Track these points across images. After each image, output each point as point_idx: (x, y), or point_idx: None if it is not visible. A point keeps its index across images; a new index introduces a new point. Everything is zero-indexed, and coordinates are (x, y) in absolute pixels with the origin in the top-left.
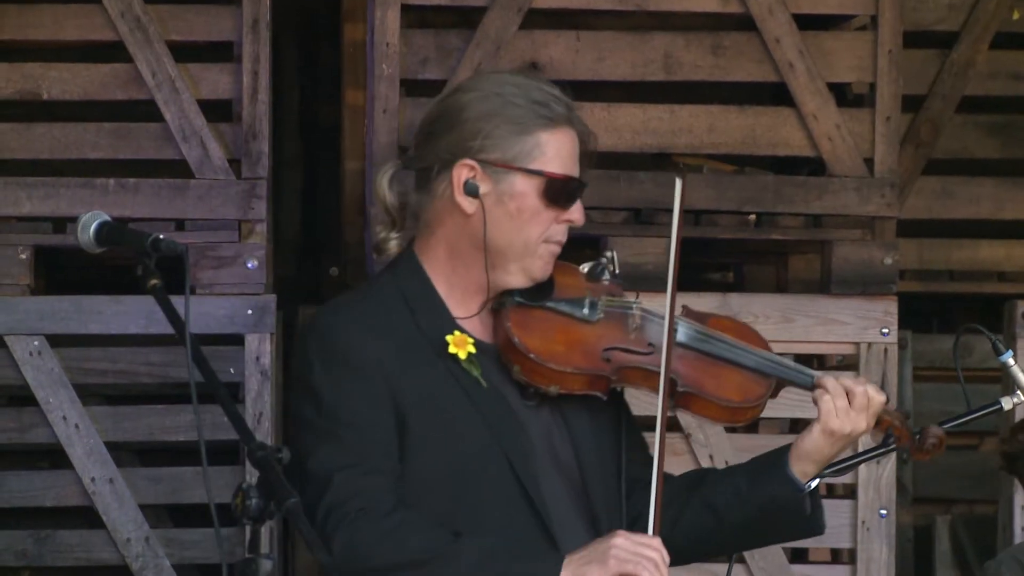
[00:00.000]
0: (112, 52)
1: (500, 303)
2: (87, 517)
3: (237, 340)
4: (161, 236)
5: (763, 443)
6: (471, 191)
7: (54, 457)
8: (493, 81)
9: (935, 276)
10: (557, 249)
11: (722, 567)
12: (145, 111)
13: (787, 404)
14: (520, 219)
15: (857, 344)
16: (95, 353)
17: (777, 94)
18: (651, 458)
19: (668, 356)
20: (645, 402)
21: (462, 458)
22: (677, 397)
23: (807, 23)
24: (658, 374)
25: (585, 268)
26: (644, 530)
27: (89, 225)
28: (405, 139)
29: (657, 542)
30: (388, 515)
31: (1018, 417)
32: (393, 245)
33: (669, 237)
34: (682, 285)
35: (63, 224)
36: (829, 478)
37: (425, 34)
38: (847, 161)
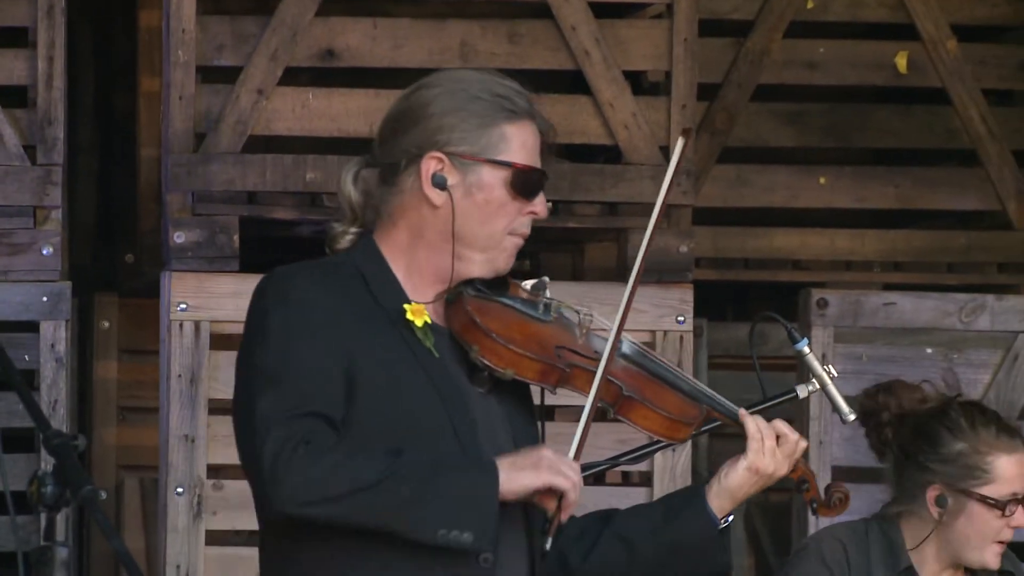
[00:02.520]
0: None
1: (456, 293)
2: None
3: (32, 327)
4: None
5: (558, 431)
6: (439, 183)
7: None
8: (455, 78)
9: (730, 264)
10: (520, 242)
11: None
12: None
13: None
14: (487, 210)
15: (653, 332)
16: None
17: (573, 82)
18: None
19: (618, 332)
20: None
21: (409, 419)
22: (620, 404)
23: (603, 11)
24: (601, 380)
25: (528, 284)
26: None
27: None
28: (201, 126)
29: (577, 467)
30: (334, 448)
31: (813, 404)
32: (347, 240)
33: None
34: None
35: None
36: (625, 466)
37: (221, 20)
38: (643, 149)
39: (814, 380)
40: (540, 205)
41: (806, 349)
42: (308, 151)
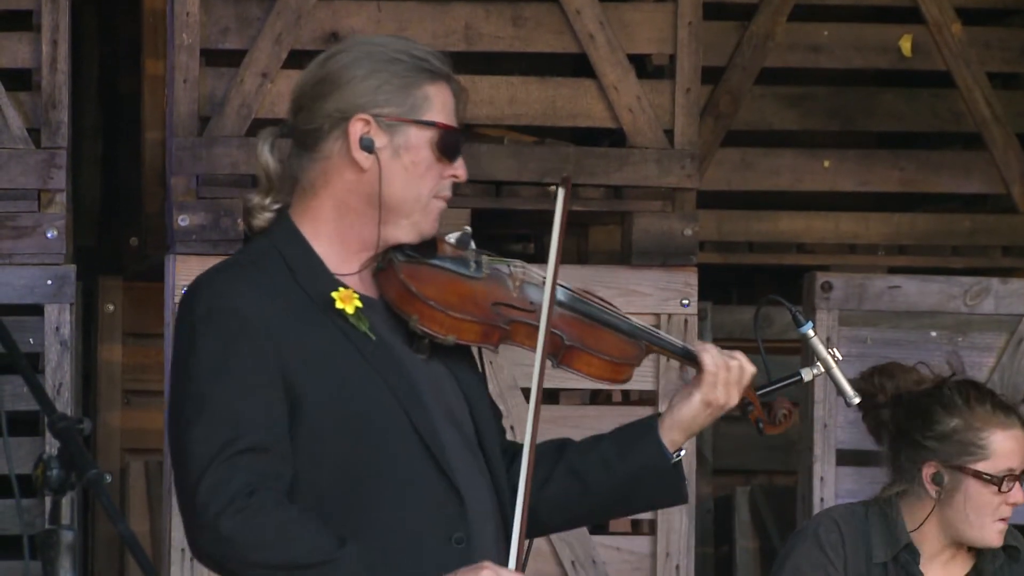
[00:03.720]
0: None
1: (386, 260)
2: None
3: (37, 310)
4: None
5: (562, 414)
6: (367, 146)
7: None
8: (371, 41)
9: (735, 247)
10: (444, 205)
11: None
12: None
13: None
14: (415, 172)
15: (658, 315)
16: None
17: (578, 65)
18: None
19: (550, 309)
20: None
21: (359, 411)
22: (563, 354)
23: None
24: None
25: (452, 238)
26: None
27: None
28: (205, 109)
29: None
30: (276, 508)
31: (818, 387)
32: (265, 216)
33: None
34: None
35: None
36: None
37: (225, 4)
38: (647, 132)
39: (819, 363)
40: (461, 168)
41: (811, 332)
42: None
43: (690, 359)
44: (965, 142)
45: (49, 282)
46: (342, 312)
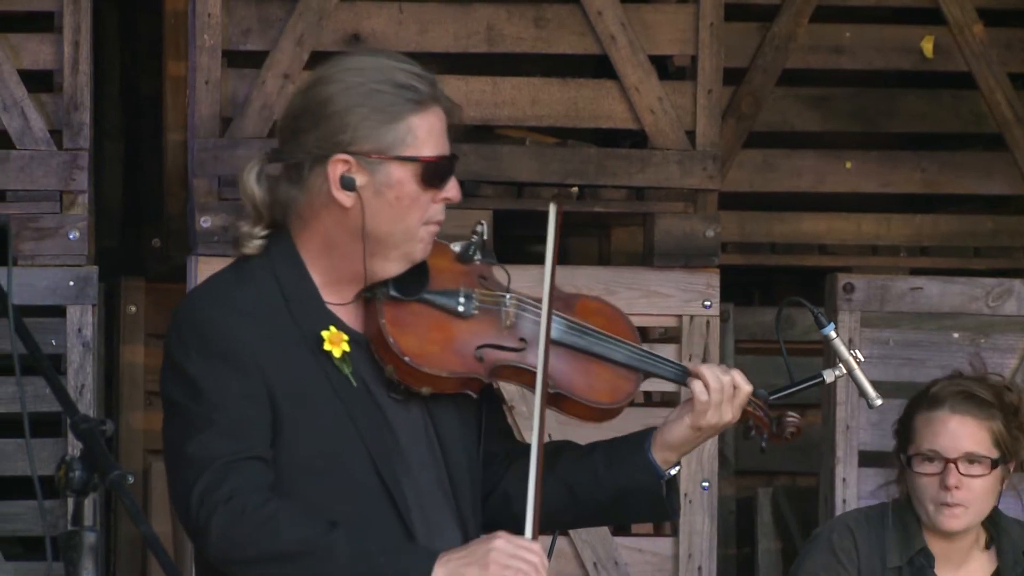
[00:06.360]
0: None
1: (373, 294)
2: None
3: (59, 312)
4: None
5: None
6: (348, 185)
7: None
8: (354, 69)
9: (757, 249)
10: (437, 229)
11: (544, 539)
12: None
13: None
14: (400, 207)
15: (679, 316)
16: None
17: (599, 67)
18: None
19: (543, 386)
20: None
21: (326, 451)
22: (549, 400)
23: None
24: (528, 371)
25: (457, 248)
26: (506, 513)
27: None
28: (227, 110)
29: (537, 547)
30: (263, 505)
31: (840, 389)
32: (256, 245)
33: (544, 260)
34: (505, 258)
35: None
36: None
37: (247, 5)
38: (669, 134)
39: (841, 365)
40: (452, 189)
41: (833, 334)
42: None
43: (683, 384)
44: (987, 143)
45: (71, 283)
46: (329, 353)
